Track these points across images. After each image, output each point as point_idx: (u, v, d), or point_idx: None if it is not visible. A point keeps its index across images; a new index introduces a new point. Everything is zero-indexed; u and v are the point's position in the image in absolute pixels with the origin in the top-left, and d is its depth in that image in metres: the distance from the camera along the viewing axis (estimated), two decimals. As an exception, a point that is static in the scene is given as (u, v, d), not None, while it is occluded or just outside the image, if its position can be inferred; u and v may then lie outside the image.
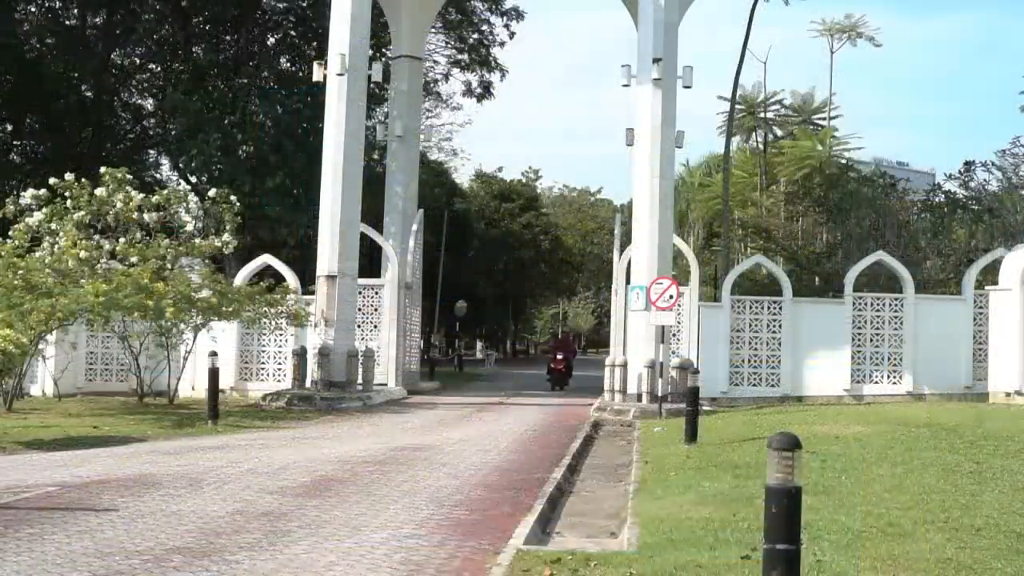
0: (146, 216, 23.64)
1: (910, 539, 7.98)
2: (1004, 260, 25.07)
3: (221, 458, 13.49)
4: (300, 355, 24.95)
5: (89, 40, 39.78)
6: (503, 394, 29.72)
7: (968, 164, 40.06)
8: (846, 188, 42.64)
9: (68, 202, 23.16)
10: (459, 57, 46.24)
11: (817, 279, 39.98)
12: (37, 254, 22.06)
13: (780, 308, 25.67)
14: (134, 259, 22.38)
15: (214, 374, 19.05)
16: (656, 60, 23.99)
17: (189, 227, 24.49)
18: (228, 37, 38.10)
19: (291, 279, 26.28)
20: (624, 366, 23.98)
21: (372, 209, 31.06)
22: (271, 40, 38.69)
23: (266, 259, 27.51)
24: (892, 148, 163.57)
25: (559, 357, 32.56)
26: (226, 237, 24.37)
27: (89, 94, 40.11)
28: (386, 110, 36.19)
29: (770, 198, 54.71)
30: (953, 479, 11.00)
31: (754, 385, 25.48)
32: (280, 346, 26.59)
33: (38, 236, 23.03)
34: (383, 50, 37.30)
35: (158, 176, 42.73)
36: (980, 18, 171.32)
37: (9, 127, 39.39)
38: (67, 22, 40.33)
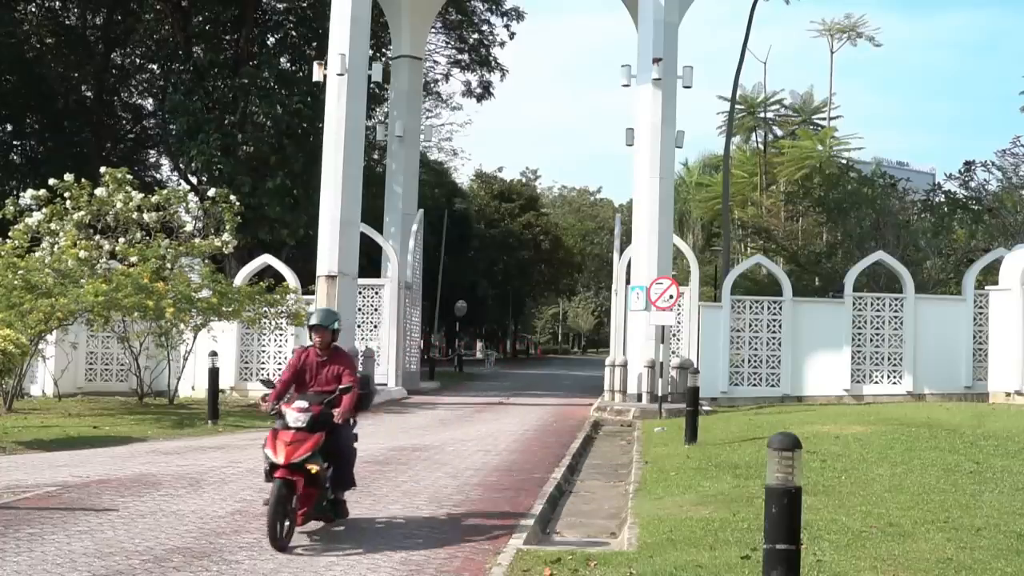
0: (146, 216, 23.63)
1: (910, 539, 7.98)
2: (1004, 260, 25.09)
3: (221, 458, 13.49)
4: (300, 355, 24.91)
5: (89, 40, 39.79)
6: (503, 394, 29.72)
7: (968, 164, 40.12)
8: (846, 188, 42.65)
9: (68, 202, 23.14)
10: (459, 57, 46.32)
11: (817, 279, 39.98)
12: (37, 254, 22.05)
13: (780, 308, 25.68)
14: (134, 259, 22.38)
15: (214, 374, 19.05)
16: (656, 60, 24.01)
17: (189, 227, 24.49)
18: (228, 37, 38.11)
19: (291, 279, 26.28)
20: (624, 366, 24.00)
21: (372, 209, 31.09)
22: (271, 40, 38.70)
23: (266, 259, 27.53)
24: (892, 148, 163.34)
25: (295, 426, 8.20)
26: (226, 237, 24.37)
27: (89, 94, 40.16)
28: (386, 110, 36.22)
29: (770, 198, 54.70)
30: (953, 479, 11.00)
31: (754, 385, 25.49)
32: (280, 346, 26.58)
33: (38, 236, 23.02)
34: (383, 50, 37.34)
35: (158, 176, 42.81)
36: (980, 18, 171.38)
37: (9, 127, 39.41)
38: (67, 22, 40.35)
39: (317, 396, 8.55)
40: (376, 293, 28.06)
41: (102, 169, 24.26)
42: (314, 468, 8.10)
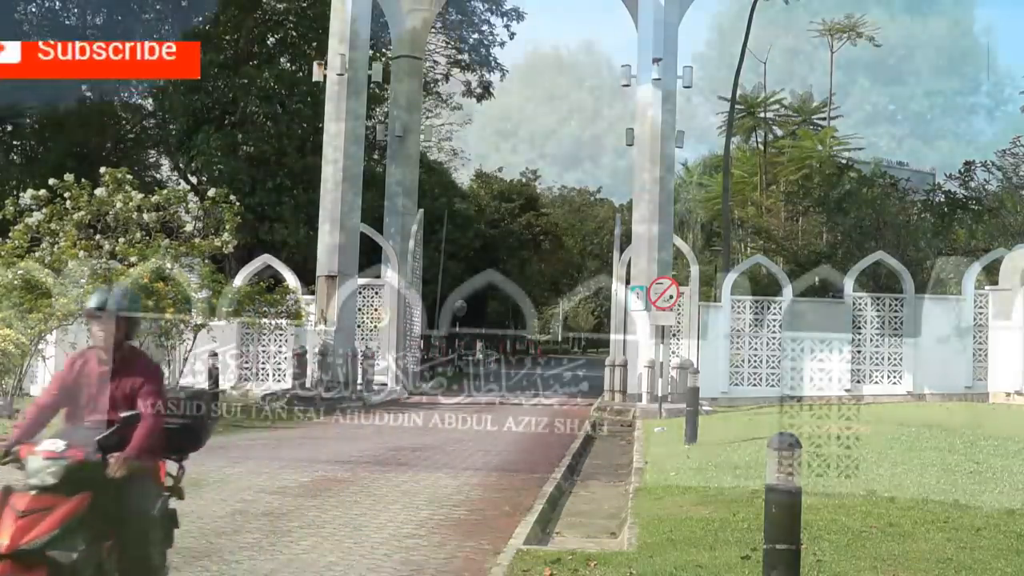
0: (146, 216, 23.61)
1: (910, 539, 7.98)
2: (1004, 260, 25.10)
3: (221, 458, 13.47)
4: (300, 355, 24.95)
5: (89, 40, 39.79)
6: (503, 394, 29.69)
7: (968, 164, 40.11)
8: (846, 188, 42.65)
9: (68, 202, 23.14)
10: (459, 57, 46.35)
11: (817, 279, 39.96)
12: (37, 254, 22.04)
13: (780, 308, 25.68)
14: (134, 259, 22.37)
15: (214, 374, 19.05)
16: (656, 60, 24.03)
17: (189, 227, 24.48)
18: (228, 37, 38.11)
19: (291, 279, 26.28)
20: (624, 366, 24.01)
21: (372, 209, 31.10)
22: (271, 40, 38.70)
23: (266, 259, 27.53)
24: (893, 148, 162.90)
25: (39, 484, 4.85)
26: (226, 237, 24.35)
27: (89, 94, 40.14)
28: (386, 110, 36.22)
29: (770, 198, 54.70)
30: (953, 479, 10.99)
31: (754, 385, 25.49)
32: (280, 346, 26.58)
33: (38, 236, 23.00)
34: (383, 50, 37.35)
35: (158, 176, 42.75)
36: (980, 18, 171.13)
37: (9, 127, 39.42)
38: (67, 22, 40.38)
39: (90, 431, 5.17)
40: (376, 293, 28.05)
41: (102, 169, 24.23)
42: (66, 556, 4.69)
